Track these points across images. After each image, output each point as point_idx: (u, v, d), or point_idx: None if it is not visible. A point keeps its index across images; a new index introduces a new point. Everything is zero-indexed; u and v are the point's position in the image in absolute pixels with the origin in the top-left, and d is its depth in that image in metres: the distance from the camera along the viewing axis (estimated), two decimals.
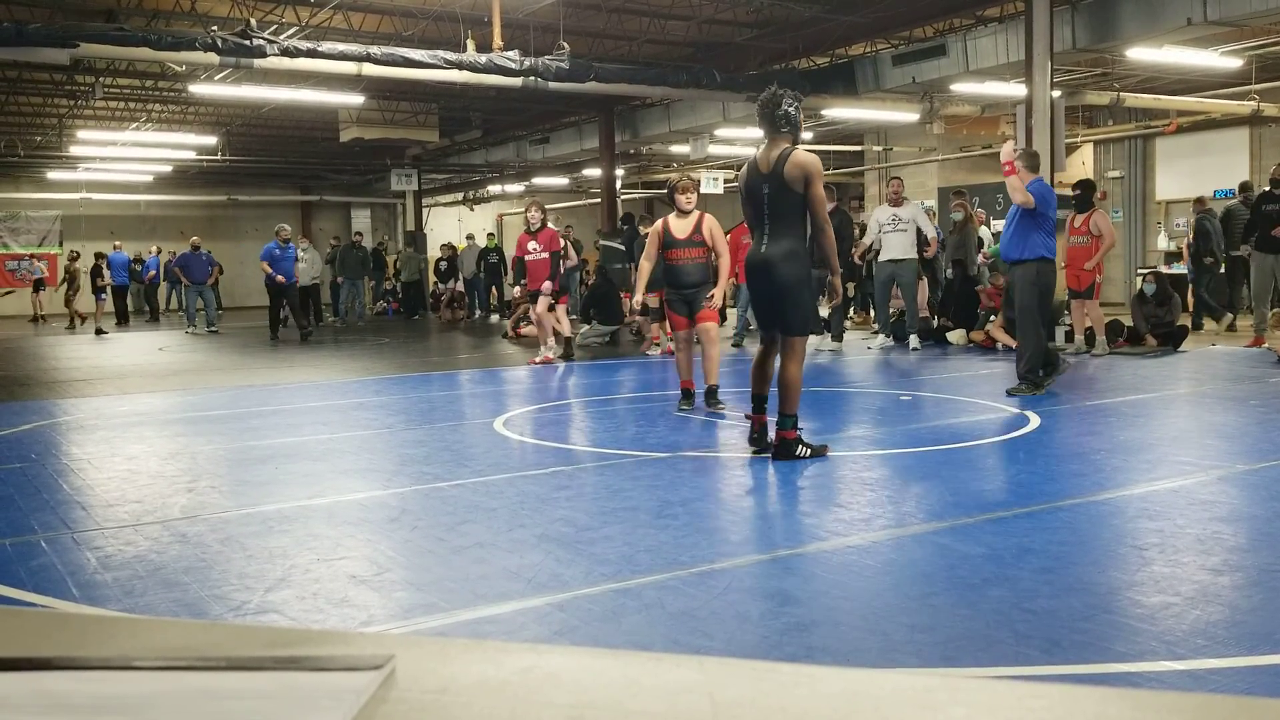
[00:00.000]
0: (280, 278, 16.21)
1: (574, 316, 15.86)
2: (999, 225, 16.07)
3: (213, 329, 18.35)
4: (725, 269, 7.52)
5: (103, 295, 20.06)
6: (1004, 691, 0.64)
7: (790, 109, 5.38)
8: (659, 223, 7.63)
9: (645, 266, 7.66)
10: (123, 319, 21.88)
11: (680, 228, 7.46)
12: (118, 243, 23.49)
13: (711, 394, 7.40)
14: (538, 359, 11.21)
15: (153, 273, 23.94)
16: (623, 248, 14.72)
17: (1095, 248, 10.66)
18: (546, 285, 10.91)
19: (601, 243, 15.66)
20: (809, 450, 5.44)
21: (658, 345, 12.07)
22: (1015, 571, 3.45)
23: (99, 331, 18.65)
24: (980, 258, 13.29)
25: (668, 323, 8.54)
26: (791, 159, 5.28)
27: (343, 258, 21.24)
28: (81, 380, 10.68)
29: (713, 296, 7.36)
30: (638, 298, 8.02)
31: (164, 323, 22.65)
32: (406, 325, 19.88)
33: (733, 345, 12.29)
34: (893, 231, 11.98)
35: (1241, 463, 5.32)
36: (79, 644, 0.75)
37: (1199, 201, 14.91)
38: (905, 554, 3.75)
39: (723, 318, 7.65)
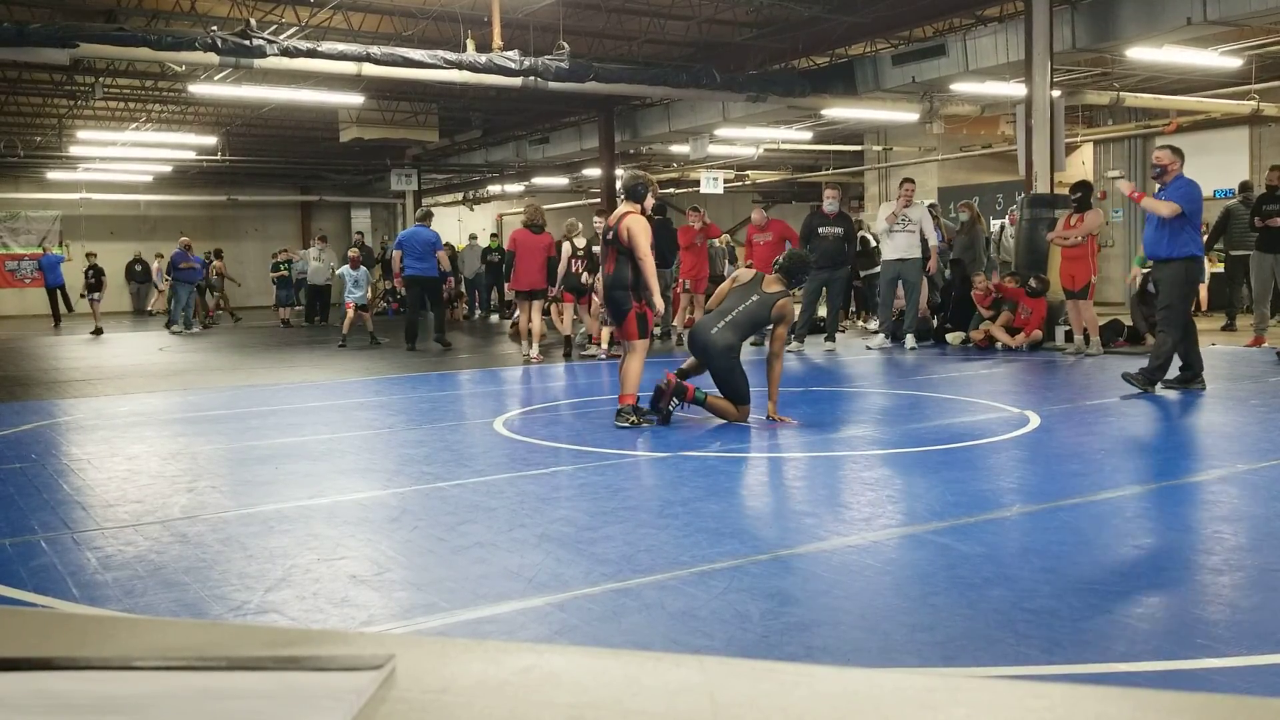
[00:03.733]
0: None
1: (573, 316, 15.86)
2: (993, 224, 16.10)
3: (189, 329, 18.24)
4: (646, 271, 6.83)
5: (96, 296, 19.65)
6: (1004, 691, 0.64)
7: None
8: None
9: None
10: (56, 321, 21.45)
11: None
12: (46, 245, 23.39)
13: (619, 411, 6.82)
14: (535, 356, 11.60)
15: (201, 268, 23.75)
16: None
17: (1090, 248, 10.69)
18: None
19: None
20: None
21: (597, 345, 12.05)
22: (1015, 571, 3.45)
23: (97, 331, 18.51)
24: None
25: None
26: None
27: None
28: (81, 380, 10.68)
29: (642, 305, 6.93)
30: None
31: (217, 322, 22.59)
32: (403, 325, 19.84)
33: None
34: (900, 231, 12.02)
35: (1241, 462, 5.32)
36: (79, 644, 0.75)
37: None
38: (905, 554, 3.75)
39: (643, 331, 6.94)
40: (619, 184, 7.24)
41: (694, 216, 13.67)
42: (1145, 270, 11.27)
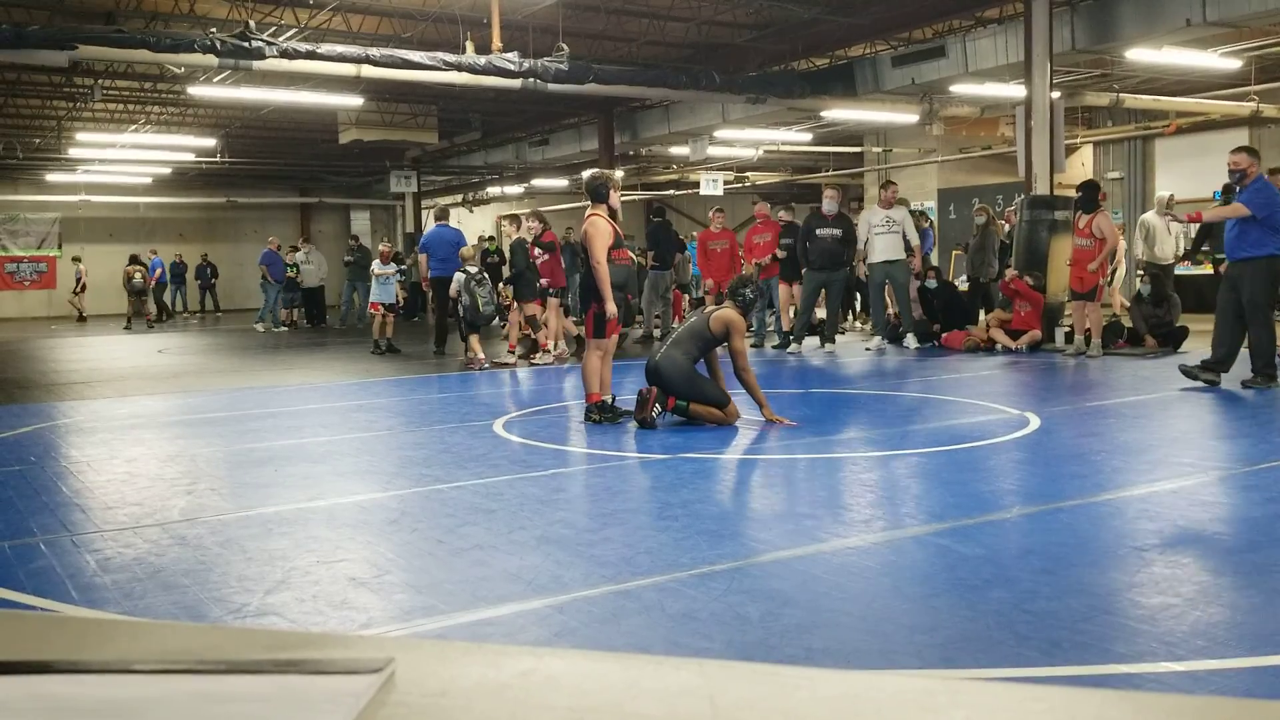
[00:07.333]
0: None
1: (573, 317, 15.84)
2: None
3: (276, 327, 19.45)
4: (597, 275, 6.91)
5: None
6: (1004, 694, 0.64)
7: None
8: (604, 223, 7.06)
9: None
10: None
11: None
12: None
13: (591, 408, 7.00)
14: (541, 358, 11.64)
15: (159, 271, 23.78)
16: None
17: (1099, 249, 10.67)
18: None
19: None
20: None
21: (546, 353, 11.90)
22: (1015, 573, 3.45)
23: None
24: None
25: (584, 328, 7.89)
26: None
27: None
28: (80, 383, 10.68)
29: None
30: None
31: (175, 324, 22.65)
32: (405, 327, 19.87)
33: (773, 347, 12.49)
34: (885, 233, 12.01)
35: (1241, 463, 5.32)
36: (78, 647, 0.75)
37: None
38: (905, 555, 3.75)
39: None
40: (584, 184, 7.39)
41: (717, 218, 13.55)
42: (1139, 273, 11.32)
